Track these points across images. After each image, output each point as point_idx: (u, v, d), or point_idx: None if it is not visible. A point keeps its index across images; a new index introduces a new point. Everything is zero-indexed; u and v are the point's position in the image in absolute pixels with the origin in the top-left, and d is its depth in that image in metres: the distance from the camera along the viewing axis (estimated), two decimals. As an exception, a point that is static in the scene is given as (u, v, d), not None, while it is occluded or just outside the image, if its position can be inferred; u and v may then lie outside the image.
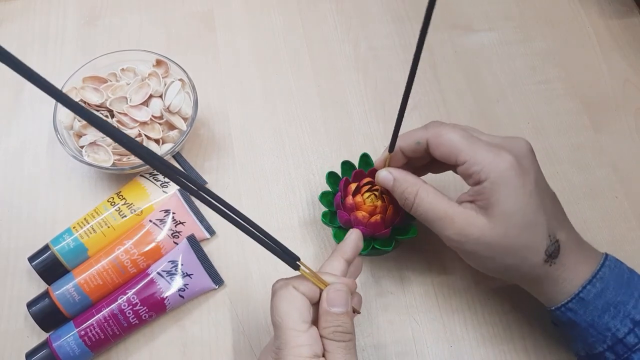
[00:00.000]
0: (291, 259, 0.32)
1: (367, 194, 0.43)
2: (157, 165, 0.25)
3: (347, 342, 0.32)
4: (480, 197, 0.35)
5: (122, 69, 0.49)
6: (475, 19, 0.59)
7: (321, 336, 0.32)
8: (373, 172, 0.42)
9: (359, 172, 0.44)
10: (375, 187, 0.43)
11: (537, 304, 0.45)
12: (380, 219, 0.42)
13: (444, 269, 0.46)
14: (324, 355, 0.32)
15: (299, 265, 0.33)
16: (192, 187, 0.27)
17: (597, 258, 0.37)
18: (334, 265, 0.36)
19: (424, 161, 0.41)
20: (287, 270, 0.47)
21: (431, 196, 0.37)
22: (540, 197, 0.35)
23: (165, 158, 0.46)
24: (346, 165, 0.46)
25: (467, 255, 0.37)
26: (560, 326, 0.39)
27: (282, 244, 0.32)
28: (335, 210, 0.44)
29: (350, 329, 0.33)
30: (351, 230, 0.38)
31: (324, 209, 0.46)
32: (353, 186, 0.43)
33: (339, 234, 0.44)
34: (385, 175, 0.39)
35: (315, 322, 0.33)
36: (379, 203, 0.42)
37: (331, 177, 0.46)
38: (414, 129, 0.39)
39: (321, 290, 0.33)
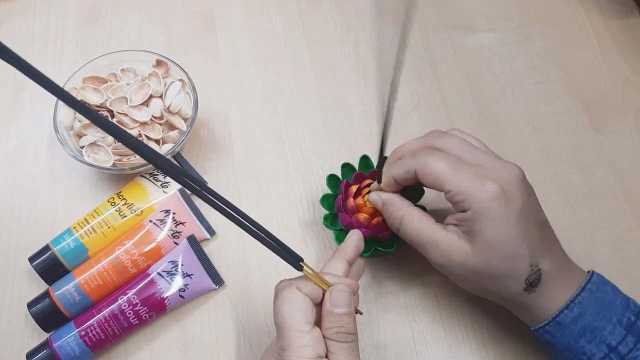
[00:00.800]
0: (294, 260, 0.33)
1: (367, 196, 0.43)
2: (161, 165, 0.25)
3: (350, 343, 0.32)
4: (464, 224, 0.36)
5: (122, 69, 0.49)
6: (475, 19, 0.59)
7: (324, 337, 0.33)
8: (373, 174, 0.42)
9: (359, 174, 0.44)
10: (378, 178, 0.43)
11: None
12: (382, 220, 0.41)
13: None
14: (326, 356, 0.32)
15: (302, 266, 0.33)
16: (196, 186, 0.27)
17: (579, 282, 0.37)
18: (336, 266, 0.36)
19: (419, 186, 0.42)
20: (287, 270, 0.47)
21: (415, 221, 0.38)
22: (526, 226, 0.36)
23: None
24: (346, 167, 0.46)
25: (451, 277, 0.39)
26: (543, 345, 0.40)
27: (285, 244, 0.32)
28: (337, 213, 0.44)
29: (353, 330, 0.33)
30: (352, 231, 0.39)
31: (324, 209, 0.46)
32: (354, 188, 0.43)
33: (341, 237, 0.44)
34: (375, 199, 0.41)
35: (318, 322, 0.33)
36: None
37: (332, 179, 0.46)
38: (403, 159, 0.39)
39: (324, 291, 0.33)
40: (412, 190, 0.44)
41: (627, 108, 0.54)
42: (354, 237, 0.38)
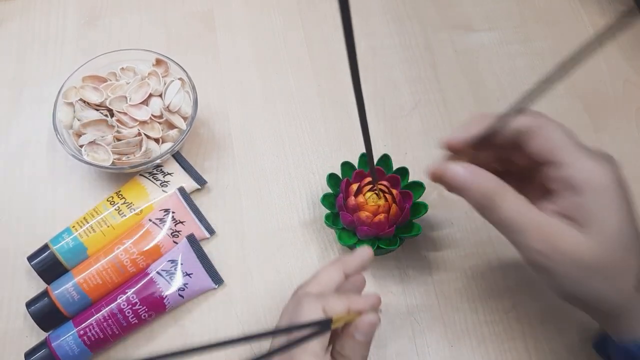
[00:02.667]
0: (325, 326, 0.31)
1: (369, 194, 0.42)
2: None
3: None
4: (578, 209, 0.30)
5: (122, 68, 0.49)
6: (475, 19, 0.59)
7: (339, 355, 0.32)
8: (377, 172, 0.42)
9: (359, 172, 0.44)
10: (376, 187, 0.43)
11: (537, 303, 0.45)
12: (384, 218, 0.41)
13: (444, 268, 0.46)
14: None
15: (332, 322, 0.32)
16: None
17: None
18: (332, 275, 0.35)
19: (489, 158, 0.35)
20: (287, 270, 0.47)
21: (516, 201, 0.31)
22: (636, 218, 0.31)
23: (165, 157, 0.46)
24: (346, 166, 0.46)
25: (547, 274, 0.31)
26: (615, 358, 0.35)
27: (307, 324, 0.31)
28: (338, 212, 0.44)
29: (366, 354, 0.33)
30: (364, 247, 0.37)
31: (324, 208, 0.45)
32: (354, 187, 0.43)
33: (343, 236, 0.44)
34: (461, 172, 0.31)
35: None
36: (381, 202, 0.42)
37: (332, 178, 0.46)
38: (505, 113, 0.31)
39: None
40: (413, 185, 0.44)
41: (627, 108, 0.54)
42: (362, 255, 0.36)
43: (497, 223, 0.32)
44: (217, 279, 0.45)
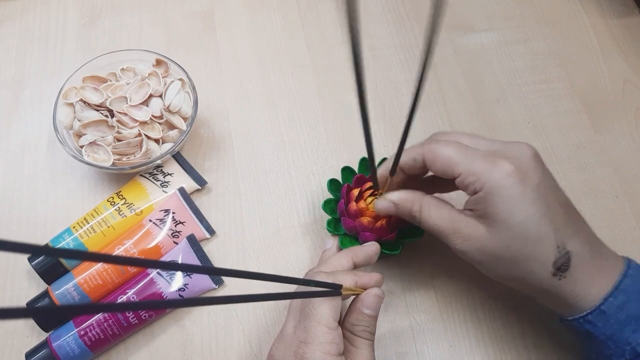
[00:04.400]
0: (335, 290, 0.34)
1: (370, 199, 0.42)
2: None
3: (372, 342, 0.35)
4: (478, 207, 0.35)
5: (122, 68, 0.49)
6: (475, 19, 0.59)
7: (350, 332, 0.35)
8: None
9: (360, 177, 0.44)
10: (377, 192, 0.42)
11: (537, 304, 0.45)
12: (386, 223, 0.41)
13: (444, 268, 0.46)
14: (343, 354, 0.33)
15: (342, 290, 0.34)
16: None
17: (617, 267, 0.34)
18: (342, 262, 0.37)
19: (422, 176, 0.41)
20: (287, 269, 0.47)
21: (433, 209, 0.37)
22: (547, 205, 0.33)
23: (165, 157, 0.46)
24: (347, 171, 0.46)
25: (475, 264, 0.37)
26: (574, 334, 0.37)
27: (319, 282, 0.33)
28: (340, 218, 0.44)
29: (374, 330, 0.36)
30: (373, 243, 0.40)
31: (323, 209, 0.45)
32: (355, 192, 0.43)
33: (345, 241, 0.43)
34: (386, 205, 0.39)
35: None
36: None
37: (332, 184, 0.46)
38: (411, 147, 0.38)
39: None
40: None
41: (627, 108, 0.54)
42: (372, 250, 0.40)
43: (428, 229, 0.37)
44: (217, 279, 0.45)
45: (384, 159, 0.46)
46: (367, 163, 0.46)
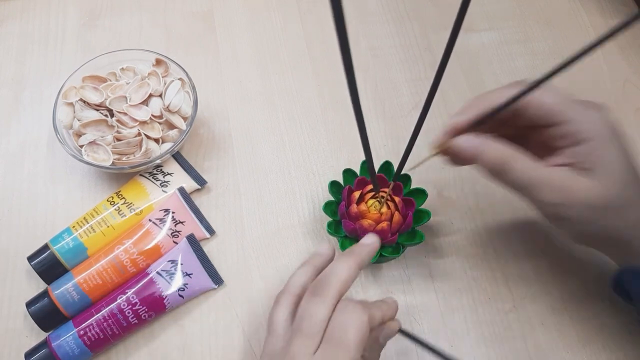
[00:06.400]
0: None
1: (371, 201, 0.42)
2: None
3: None
4: (583, 158, 0.33)
5: (122, 68, 0.49)
6: (475, 19, 0.59)
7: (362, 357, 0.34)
8: (379, 179, 0.42)
9: (361, 179, 0.44)
10: (378, 195, 0.42)
11: (537, 303, 0.45)
12: (387, 226, 0.41)
13: (444, 268, 0.46)
14: None
15: None
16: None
17: None
18: (352, 274, 0.35)
19: (485, 130, 0.37)
20: (288, 270, 0.47)
21: (527, 161, 0.33)
22: (632, 156, 0.34)
23: (165, 157, 0.46)
24: (348, 173, 0.46)
25: (563, 221, 0.34)
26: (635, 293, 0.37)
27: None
28: (340, 220, 0.44)
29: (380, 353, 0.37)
30: (371, 236, 0.38)
31: (324, 208, 0.45)
32: (357, 194, 0.43)
33: (346, 244, 0.43)
34: (474, 142, 0.34)
35: None
36: (384, 210, 0.42)
37: (334, 186, 0.46)
38: (494, 90, 0.35)
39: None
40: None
41: (627, 108, 0.54)
42: (373, 247, 0.37)
43: (512, 184, 0.34)
44: (217, 279, 0.45)
45: (386, 162, 0.46)
46: (368, 168, 0.46)
